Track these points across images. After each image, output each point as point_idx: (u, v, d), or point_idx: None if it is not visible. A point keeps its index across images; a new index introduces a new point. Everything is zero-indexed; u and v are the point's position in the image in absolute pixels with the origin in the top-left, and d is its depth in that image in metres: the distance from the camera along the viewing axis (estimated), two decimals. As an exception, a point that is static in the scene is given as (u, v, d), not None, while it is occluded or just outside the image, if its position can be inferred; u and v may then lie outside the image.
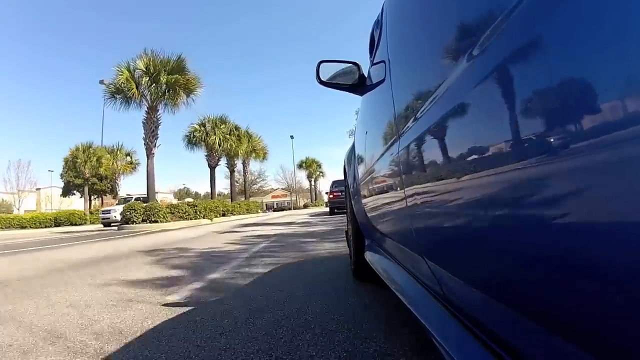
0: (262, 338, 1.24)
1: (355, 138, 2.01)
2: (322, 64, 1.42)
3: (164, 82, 12.48)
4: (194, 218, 13.00)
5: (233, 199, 22.48)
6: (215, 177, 20.22)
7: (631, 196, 0.26)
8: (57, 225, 19.63)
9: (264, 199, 50.73)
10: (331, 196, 13.67)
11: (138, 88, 12.60)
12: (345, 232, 2.63)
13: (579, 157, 0.30)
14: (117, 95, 13.10)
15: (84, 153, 24.30)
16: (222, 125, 20.59)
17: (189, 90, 13.25)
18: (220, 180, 37.59)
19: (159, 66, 12.66)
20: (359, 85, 1.38)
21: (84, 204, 25.15)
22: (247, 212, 19.90)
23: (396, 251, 1.18)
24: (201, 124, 20.22)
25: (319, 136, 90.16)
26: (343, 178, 2.44)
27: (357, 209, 1.84)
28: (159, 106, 13.11)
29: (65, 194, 32.84)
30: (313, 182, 45.45)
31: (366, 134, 1.49)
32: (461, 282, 0.62)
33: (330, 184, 14.81)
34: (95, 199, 31.73)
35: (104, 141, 26.71)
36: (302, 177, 46.74)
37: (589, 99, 0.29)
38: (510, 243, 0.44)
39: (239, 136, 21.46)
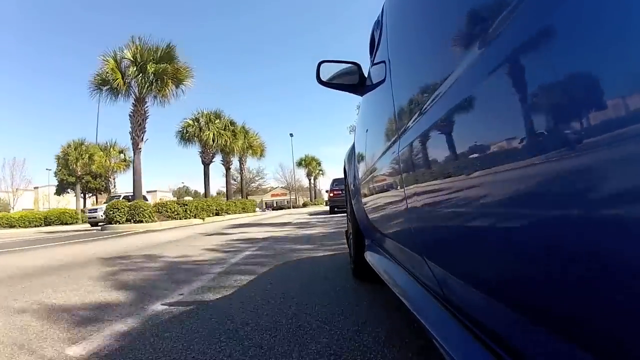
0: None
1: (355, 138, 2.00)
2: (323, 64, 1.41)
3: (152, 72, 11.43)
4: (184, 218, 12.20)
5: (229, 197, 21.57)
6: (210, 175, 19.43)
7: (637, 196, 0.25)
8: (47, 224, 19.00)
9: (264, 197, 50.14)
10: (331, 195, 13.34)
11: (124, 78, 11.61)
12: (345, 232, 2.57)
13: (579, 157, 0.29)
14: (103, 87, 12.24)
15: (75, 150, 23.60)
16: (217, 120, 19.66)
17: (178, 81, 12.11)
18: (218, 178, 36.91)
19: (147, 55, 11.64)
20: (359, 85, 1.38)
21: (76, 203, 24.47)
22: (243, 211, 19.14)
23: (396, 251, 1.18)
24: (195, 119, 19.28)
25: (319, 134, 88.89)
26: (343, 177, 2.38)
27: (357, 208, 1.82)
28: (147, 98, 12.09)
29: (60, 192, 32.19)
30: (312, 181, 44.49)
31: (366, 133, 1.48)
32: (461, 282, 0.62)
33: (330, 182, 14.56)
34: (90, 197, 31.06)
35: (99, 138, 25.77)
36: (302, 176, 45.94)
37: (587, 97, 0.29)
38: (510, 243, 0.44)
39: (234, 132, 20.50)
